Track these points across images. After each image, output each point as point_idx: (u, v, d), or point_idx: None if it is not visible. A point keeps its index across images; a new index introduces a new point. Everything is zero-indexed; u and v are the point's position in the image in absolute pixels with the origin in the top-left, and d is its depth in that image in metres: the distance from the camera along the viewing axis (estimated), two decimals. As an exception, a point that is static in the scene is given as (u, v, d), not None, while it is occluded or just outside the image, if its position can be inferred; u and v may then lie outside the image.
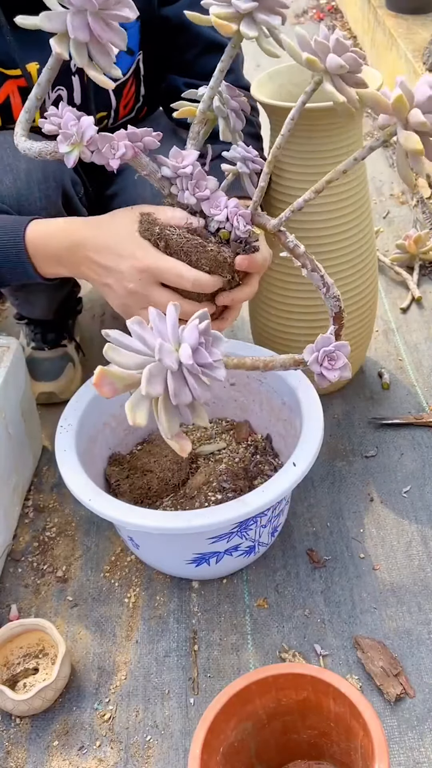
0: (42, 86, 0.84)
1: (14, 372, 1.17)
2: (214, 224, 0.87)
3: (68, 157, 0.80)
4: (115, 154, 0.80)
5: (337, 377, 0.79)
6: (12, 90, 1.08)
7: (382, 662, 0.96)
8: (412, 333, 1.50)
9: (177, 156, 0.84)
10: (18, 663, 0.99)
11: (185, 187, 0.85)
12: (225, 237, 0.87)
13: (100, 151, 0.80)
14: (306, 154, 1.11)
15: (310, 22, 3.15)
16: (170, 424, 0.69)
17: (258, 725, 0.80)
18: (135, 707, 0.96)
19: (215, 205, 0.86)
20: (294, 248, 0.84)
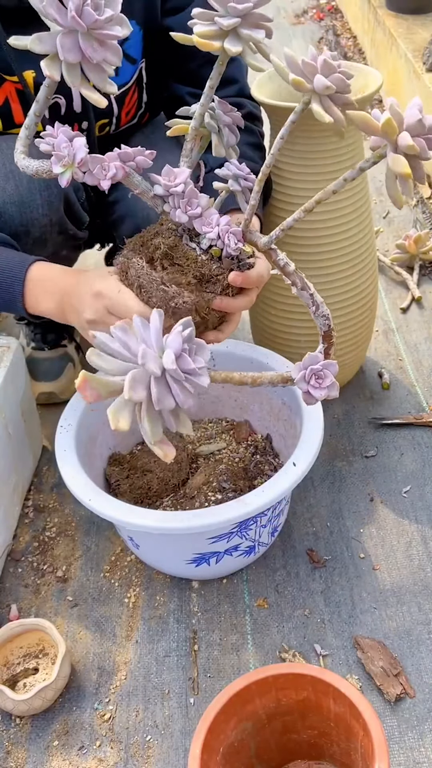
0: (40, 104, 0.85)
1: (14, 372, 1.17)
2: (206, 242, 0.88)
3: (61, 177, 0.80)
4: (105, 175, 0.80)
5: (323, 396, 0.80)
6: (10, 91, 1.08)
7: (382, 662, 0.96)
8: (412, 333, 1.50)
9: (169, 174, 0.85)
10: (18, 663, 0.99)
11: (177, 205, 0.86)
12: (216, 254, 0.88)
13: (91, 172, 0.80)
14: (306, 154, 1.11)
15: (310, 22, 3.15)
16: (153, 430, 0.69)
17: (258, 725, 0.80)
18: (135, 707, 0.96)
19: (207, 222, 0.86)
20: (284, 266, 0.85)
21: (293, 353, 1.22)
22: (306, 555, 1.11)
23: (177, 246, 0.88)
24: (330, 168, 1.11)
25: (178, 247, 0.88)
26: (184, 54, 1.12)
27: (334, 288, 1.19)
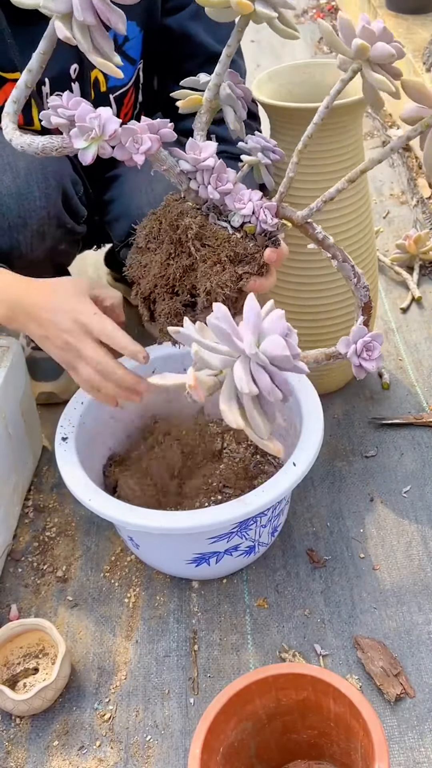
0: (33, 73, 0.78)
1: (14, 372, 1.17)
2: (238, 219, 0.82)
3: (85, 153, 0.74)
4: (138, 149, 0.74)
5: (374, 367, 0.79)
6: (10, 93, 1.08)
7: (382, 662, 0.96)
8: (412, 333, 1.50)
9: (195, 148, 0.79)
10: (18, 663, 0.99)
11: (206, 181, 0.81)
12: (251, 231, 0.83)
13: (123, 145, 0.74)
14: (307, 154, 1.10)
15: (310, 22, 3.15)
16: (266, 425, 0.67)
17: (258, 725, 0.80)
18: (135, 707, 0.96)
19: (238, 198, 0.81)
20: (323, 239, 0.83)
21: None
22: (306, 555, 1.11)
23: (205, 225, 0.83)
24: (331, 168, 1.11)
25: (206, 227, 0.83)
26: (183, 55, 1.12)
27: (334, 288, 1.19)
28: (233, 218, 0.83)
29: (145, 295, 0.87)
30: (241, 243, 0.83)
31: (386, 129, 2.27)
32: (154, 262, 0.85)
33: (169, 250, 0.83)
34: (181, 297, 0.84)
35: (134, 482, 1.10)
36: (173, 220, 0.83)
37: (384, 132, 2.24)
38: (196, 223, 0.82)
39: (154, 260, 0.85)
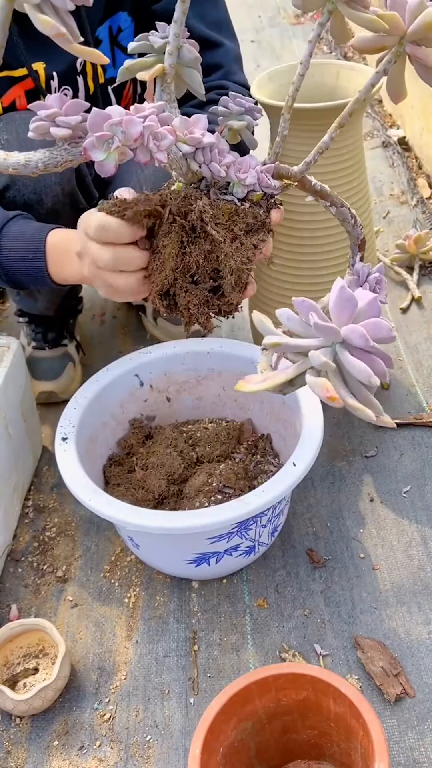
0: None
1: (14, 372, 1.17)
2: (241, 189, 0.80)
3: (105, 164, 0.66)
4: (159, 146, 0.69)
5: (385, 298, 0.76)
6: (19, 94, 1.08)
7: (382, 662, 0.96)
8: (412, 333, 1.50)
9: (186, 126, 0.74)
10: (18, 663, 0.99)
11: (207, 159, 0.76)
12: (258, 199, 0.81)
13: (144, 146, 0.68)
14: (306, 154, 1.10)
15: (310, 22, 3.15)
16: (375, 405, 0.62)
17: (258, 725, 0.80)
18: (135, 707, 0.96)
19: (239, 168, 0.78)
20: (321, 189, 0.82)
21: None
22: (306, 555, 1.11)
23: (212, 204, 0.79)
24: (331, 168, 1.11)
25: (213, 205, 0.79)
26: None
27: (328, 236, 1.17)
28: (236, 189, 0.80)
29: (162, 292, 0.83)
30: (249, 213, 0.80)
31: (386, 129, 2.27)
32: (166, 255, 0.80)
33: (181, 238, 0.79)
34: (204, 284, 0.81)
35: (134, 482, 1.10)
36: (179, 208, 0.79)
37: (384, 132, 2.24)
38: (206, 204, 0.78)
39: (165, 253, 0.80)
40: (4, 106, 1.07)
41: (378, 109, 2.40)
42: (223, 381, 1.21)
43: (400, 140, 2.18)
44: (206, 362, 1.20)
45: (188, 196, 0.79)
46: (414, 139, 2.13)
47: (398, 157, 2.10)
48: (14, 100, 1.08)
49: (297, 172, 0.81)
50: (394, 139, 2.18)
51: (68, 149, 0.68)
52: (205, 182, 0.80)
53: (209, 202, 0.79)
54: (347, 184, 1.13)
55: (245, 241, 0.80)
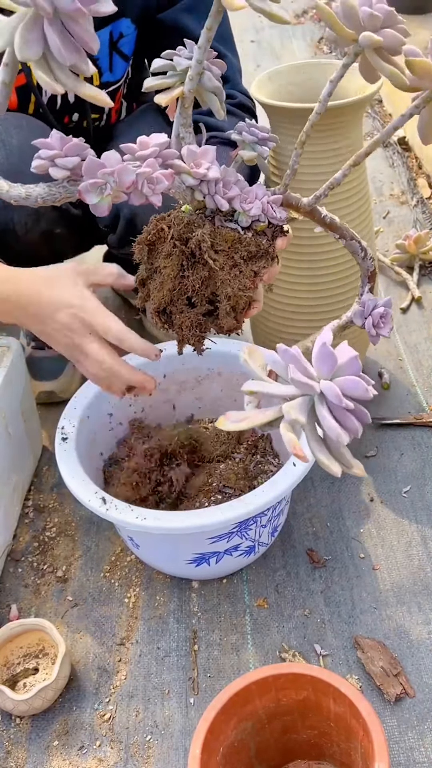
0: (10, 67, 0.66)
1: (14, 372, 1.17)
2: (246, 219, 0.80)
3: (99, 206, 0.69)
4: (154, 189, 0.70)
5: (388, 332, 0.80)
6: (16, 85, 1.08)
7: (382, 662, 0.96)
8: (412, 333, 1.50)
9: (193, 157, 0.75)
10: (18, 663, 0.99)
11: (211, 191, 0.77)
12: (261, 229, 0.82)
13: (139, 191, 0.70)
14: (307, 154, 1.10)
15: (310, 22, 3.15)
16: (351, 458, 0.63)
17: (258, 725, 0.80)
18: (135, 707, 0.96)
19: (244, 199, 0.79)
20: (331, 222, 0.82)
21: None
22: (306, 555, 1.11)
23: (214, 231, 0.80)
24: (331, 168, 1.11)
25: (215, 232, 0.80)
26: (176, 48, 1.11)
27: (334, 288, 1.19)
28: (241, 219, 0.81)
29: (159, 309, 0.85)
30: (252, 242, 0.81)
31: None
32: (165, 276, 0.82)
33: (181, 262, 0.81)
34: (199, 308, 0.82)
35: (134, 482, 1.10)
36: (181, 233, 0.81)
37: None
38: (206, 233, 0.80)
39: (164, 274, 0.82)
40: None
41: (378, 109, 2.40)
42: (223, 381, 1.21)
43: (400, 140, 2.18)
44: (206, 362, 1.20)
45: (191, 222, 0.80)
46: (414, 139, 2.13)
47: (398, 157, 2.10)
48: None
49: (306, 204, 0.81)
50: (394, 139, 2.18)
51: (66, 187, 0.71)
52: (212, 209, 0.81)
53: (211, 229, 0.80)
54: (347, 184, 1.13)
55: (244, 269, 0.81)
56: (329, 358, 0.60)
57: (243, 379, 1.19)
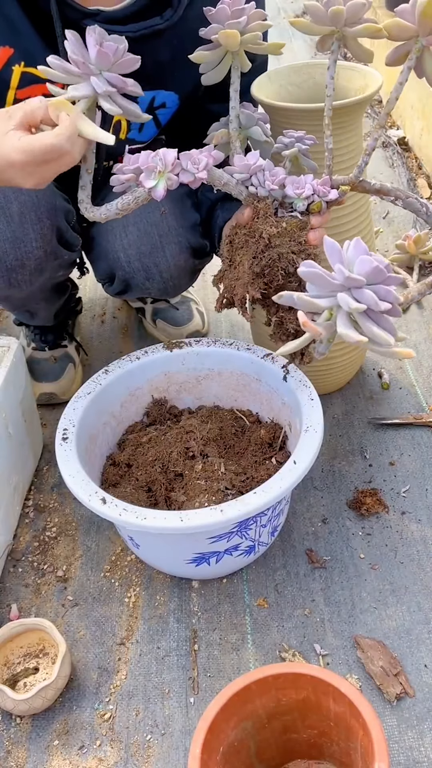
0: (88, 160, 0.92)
1: (15, 372, 1.17)
2: (302, 203, 0.93)
3: (156, 190, 0.85)
4: (198, 168, 0.87)
5: None
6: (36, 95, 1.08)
7: (381, 662, 0.96)
8: (412, 333, 1.50)
9: (241, 160, 0.93)
10: (18, 662, 0.99)
11: (261, 181, 0.92)
12: (318, 209, 0.93)
13: (185, 170, 0.87)
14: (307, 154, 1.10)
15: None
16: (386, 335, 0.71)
17: (258, 725, 0.80)
18: (135, 707, 0.96)
19: (296, 185, 0.92)
20: (381, 187, 0.91)
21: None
22: (306, 555, 1.11)
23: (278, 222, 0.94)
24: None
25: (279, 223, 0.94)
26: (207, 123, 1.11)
27: None
28: (297, 204, 0.93)
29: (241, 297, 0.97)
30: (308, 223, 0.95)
31: (386, 129, 2.27)
32: (241, 271, 0.96)
33: (255, 252, 0.94)
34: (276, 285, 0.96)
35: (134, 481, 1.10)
36: (249, 228, 0.95)
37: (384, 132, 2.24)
38: (270, 224, 0.93)
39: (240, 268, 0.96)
40: (18, 98, 1.08)
41: (378, 109, 2.40)
42: (223, 381, 1.21)
43: (400, 140, 2.19)
44: (206, 362, 1.20)
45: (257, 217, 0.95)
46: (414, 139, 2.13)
47: (398, 158, 2.10)
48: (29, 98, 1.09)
49: (353, 177, 0.93)
50: (394, 140, 2.18)
51: (133, 190, 0.89)
52: (275, 205, 0.95)
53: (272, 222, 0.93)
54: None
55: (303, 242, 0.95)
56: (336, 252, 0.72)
57: (243, 379, 1.20)
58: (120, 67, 0.88)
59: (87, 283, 1.72)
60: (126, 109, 0.91)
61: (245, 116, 0.98)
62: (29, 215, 1.09)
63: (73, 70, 0.87)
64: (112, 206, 0.91)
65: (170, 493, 1.09)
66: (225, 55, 0.96)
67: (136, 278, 1.21)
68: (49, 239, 1.13)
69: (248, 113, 0.99)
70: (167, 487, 1.10)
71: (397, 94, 0.87)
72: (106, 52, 0.85)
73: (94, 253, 1.26)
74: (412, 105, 2.12)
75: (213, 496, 1.05)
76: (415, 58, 0.84)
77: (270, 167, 0.92)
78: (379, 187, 0.92)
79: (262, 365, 1.14)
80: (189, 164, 0.87)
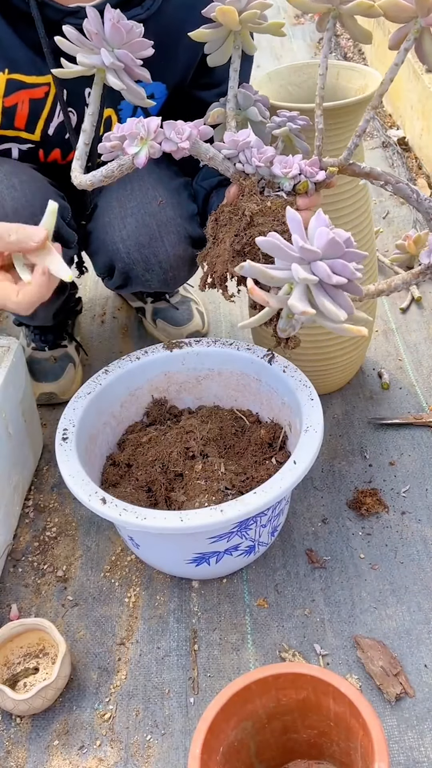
0: (87, 132, 0.93)
1: (14, 372, 1.17)
2: (288, 183, 0.91)
3: (137, 157, 0.86)
4: (182, 138, 0.86)
5: None
6: (23, 100, 1.09)
7: (381, 662, 0.96)
8: (412, 333, 1.50)
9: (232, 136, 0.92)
10: (18, 662, 0.99)
11: (248, 158, 0.91)
12: (305, 188, 0.91)
13: (167, 138, 0.86)
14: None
15: (310, 22, 3.15)
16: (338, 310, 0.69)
17: (258, 725, 0.80)
18: (135, 707, 0.96)
19: (284, 165, 0.91)
20: (371, 171, 0.90)
21: (293, 353, 1.23)
22: (306, 555, 1.11)
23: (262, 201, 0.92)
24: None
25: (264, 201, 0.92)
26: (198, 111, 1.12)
27: None
28: (284, 183, 0.92)
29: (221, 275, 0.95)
30: (294, 203, 0.92)
31: (386, 129, 2.27)
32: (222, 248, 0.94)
33: (237, 230, 0.92)
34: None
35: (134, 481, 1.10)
36: (234, 206, 0.93)
37: (384, 132, 2.24)
38: (253, 201, 0.92)
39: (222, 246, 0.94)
40: (6, 106, 1.08)
41: (378, 110, 2.40)
42: (223, 381, 1.21)
43: (400, 140, 2.18)
44: (206, 362, 1.20)
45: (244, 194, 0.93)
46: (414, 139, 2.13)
47: (398, 158, 2.10)
48: (17, 104, 1.09)
49: (342, 160, 0.91)
50: (394, 140, 2.18)
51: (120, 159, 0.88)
52: (261, 184, 0.93)
53: (256, 200, 0.92)
54: (347, 184, 1.13)
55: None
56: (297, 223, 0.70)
57: (243, 379, 1.20)
58: (132, 47, 0.89)
59: (87, 283, 1.72)
60: (130, 88, 0.92)
61: (243, 96, 0.97)
62: (24, 211, 1.09)
63: (87, 42, 0.88)
64: (98, 173, 0.90)
65: (170, 493, 1.09)
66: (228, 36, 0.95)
67: (136, 269, 1.20)
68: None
69: (246, 93, 0.97)
70: (167, 487, 1.10)
71: (392, 75, 0.85)
72: (119, 27, 0.86)
73: (92, 247, 1.25)
74: (412, 105, 2.11)
75: (213, 496, 1.05)
76: (413, 39, 0.84)
77: (259, 145, 0.91)
78: (369, 171, 0.90)
79: (262, 365, 1.14)
80: (173, 133, 0.86)
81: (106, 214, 1.21)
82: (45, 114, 1.11)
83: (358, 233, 1.18)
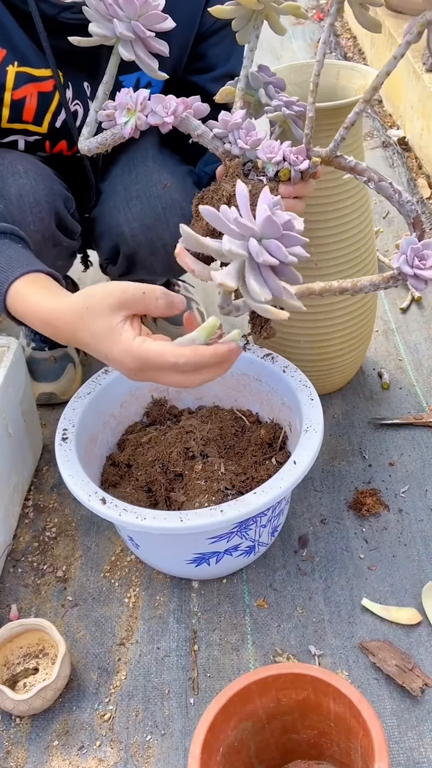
0: (99, 100, 0.95)
1: (14, 372, 1.17)
2: (272, 168, 0.91)
3: (125, 128, 0.88)
4: (168, 112, 0.87)
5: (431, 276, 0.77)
6: (32, 93, 1.09)
7: (395, 660, 0.96)
8: (412, 333, 1.50)
9: (225, 116, 0.92)
10: (18, 663, 0.99)
11: (236, 138, 0.91)
12: (286, 176, 0.91)
13: (154, 112, 0.87)
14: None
15: (310, 23, 3.15)
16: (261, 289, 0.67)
17: (258, 725, 0.80)
18: (135, 707, 0.96)
19: (269, 150, 0.91)
20: (356, 166, 0.89)
21: (293, 353, 1.23)
22: (306, 555, 1.11)
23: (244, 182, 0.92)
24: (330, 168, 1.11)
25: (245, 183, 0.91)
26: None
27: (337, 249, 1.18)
28: (268, 168, 0.92)
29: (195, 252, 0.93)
30: (275, 189, 0.91)
31: (386, 129, 2.27)
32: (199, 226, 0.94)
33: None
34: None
35: (134, 481, 1.10)
36: (216, 187, 0.94)
37: (384, 132, 2.24)
38: (232, 183, 0.92)
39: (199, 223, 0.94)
40: (14, 99, 1.08)
41: (378, 109, 2.40)
42: (223, 381, 1.21)
43: (400, 140, 2.18)
44: (206, 362, 1.19)
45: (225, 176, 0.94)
46: (414, 139, 2.13)
47: (398, 158, 2.10)
48: (25, 97, 1.09)
49: (328, 151, 0.91)
50: (394, 140, 2.18)
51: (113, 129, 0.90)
52: (248, 166, 0.94)
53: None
54: (347, 184, 1.13)
55: None
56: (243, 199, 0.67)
57: (243, 379, 1.20)
58: (147, 19, 0.89)
59: (87, 283, 1.72)
60: (143, 61, 0.92)
61: (253, 77, 0.96)
62: (27, 197, 1.10)
63: (102, 9, 0.89)
64: (94, 140, 0.93)
65: (170, 494, 1.09)
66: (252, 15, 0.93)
67: (140, 252, 1.20)
68: (48, 223, 1.13)
69: (255, 74, 0.94)
70: (167, 487, 1.09)
71: (389, 68, 0.84)
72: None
73: (97, 231, 1.25)
74: (412, 105, 2.11)
75: (213, 497, 1.05)
76: (416, 33, 0.83)
77: (250, 127, 0.91)
78: (354, 165, 0.90)
79: (262, 365, 1.13)
80: (159, 107, 0.87)
81: (111, 199, 1.21)
82: (53, 107, 1.12)
83: (358, 233, 1.18)
